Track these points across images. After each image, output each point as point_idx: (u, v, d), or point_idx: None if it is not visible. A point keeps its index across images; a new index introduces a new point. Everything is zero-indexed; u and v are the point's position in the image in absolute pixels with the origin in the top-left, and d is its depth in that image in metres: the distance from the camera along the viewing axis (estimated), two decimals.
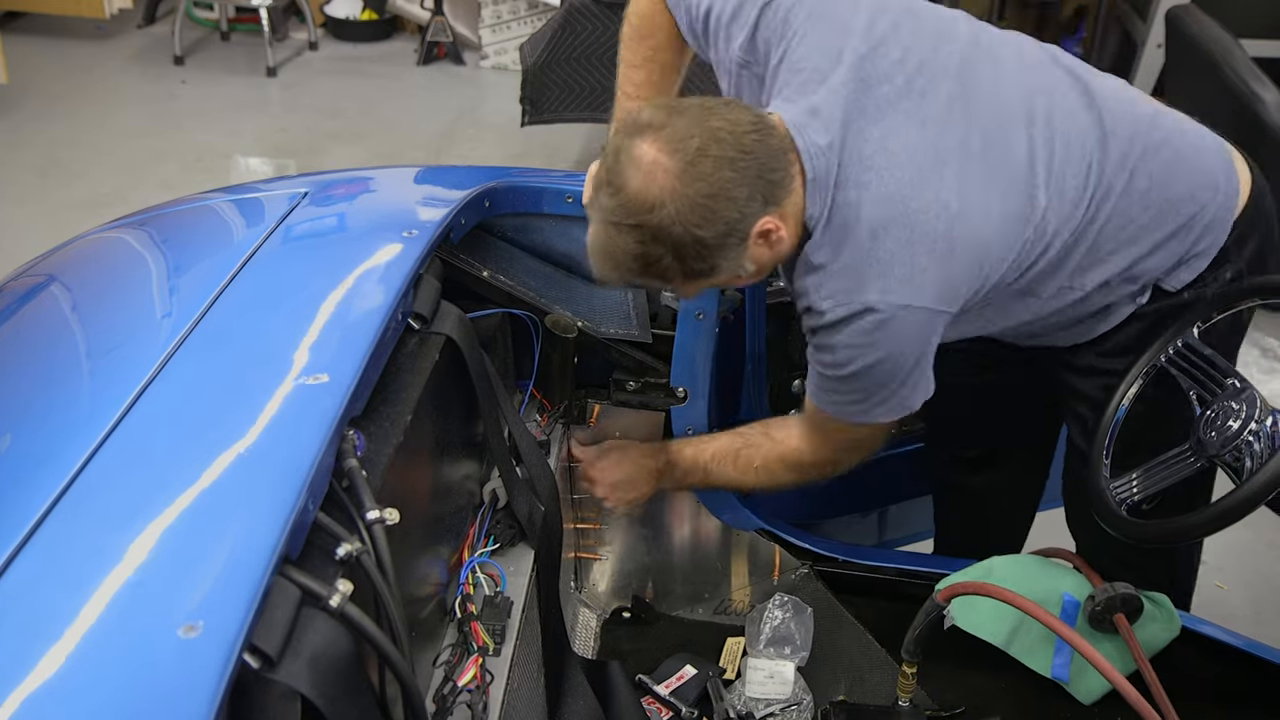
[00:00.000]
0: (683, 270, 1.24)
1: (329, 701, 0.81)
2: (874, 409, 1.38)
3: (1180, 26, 2.96)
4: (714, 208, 1.19)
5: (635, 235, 1.21)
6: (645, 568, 1.86)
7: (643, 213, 1.19)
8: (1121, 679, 1.21)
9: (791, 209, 1.27)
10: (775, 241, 1.27)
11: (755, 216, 1.23)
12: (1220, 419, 1.27)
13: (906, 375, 1.34)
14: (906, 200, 1.25)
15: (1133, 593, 1.46)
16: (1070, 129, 1.34)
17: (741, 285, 1.46)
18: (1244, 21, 3.42)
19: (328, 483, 0.96)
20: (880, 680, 1.58)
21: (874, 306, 1.27)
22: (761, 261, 1.29)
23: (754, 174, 1.21)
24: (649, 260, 1.23)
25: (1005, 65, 1.37)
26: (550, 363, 1.64)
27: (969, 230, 1.27)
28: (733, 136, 1.19)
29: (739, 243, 1.24)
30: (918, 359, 1.34)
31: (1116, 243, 1.38)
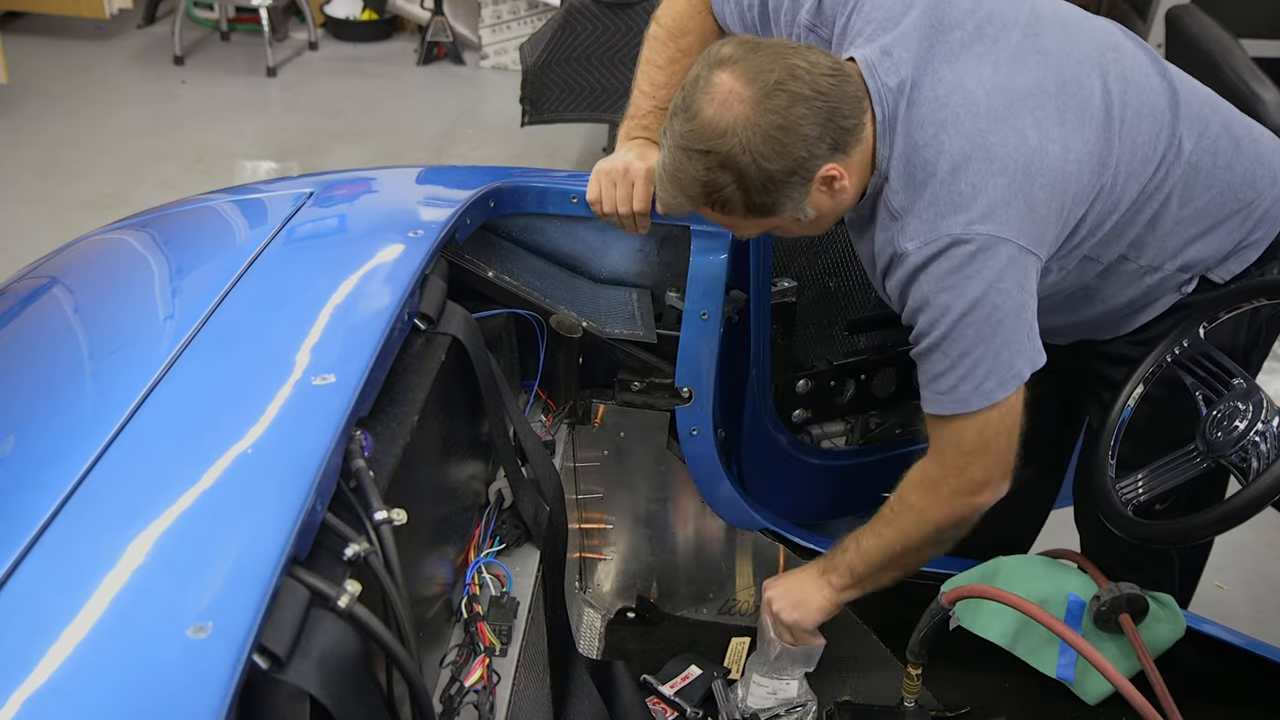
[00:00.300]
0: (745, 202, 1.25)
1: (337, 702, 0.81)
2: (984, 380, 1.29)
3: (1180, 26, 2.96)
4: (784, 141, 1.21)
5: (704, 161, 1.23)
6: (650, 568, 1.86)
7: (713, 138, 1.21)
8: (1124, 680, 1.21)
9: (859, 160, 1.28)
10: (838, 190, 1.27)
11: (823, 159, 1.24)
12: (1226, 419, 1.27)
13: (1009, 328, 1.27)
14: (984, 134, 1.25)
15: (1138, 593, 1.46)
16: (1144, 87, 1.35)
17: (798, 233, 1.40)
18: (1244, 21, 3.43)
19: (335, 483, 0.96)
20: (885, 680, 1.57)
21: (961, 237, 1.24)
22: (822, 209, 1.29)
23: (826, 115, 1.22)
24: (713, 188, 1.25)
25: (1075, 21, 1.39)
26: (555, 363, 1.64)
27: (1049, 164, 1.26)
28: (810, 76, 1.21)
29: (803, 183, 1.24)
30: (1017, 308, 1.27)
31: (1177, 219, 1.38)
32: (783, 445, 1.86)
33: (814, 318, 1.86)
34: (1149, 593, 1.49)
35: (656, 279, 1.76)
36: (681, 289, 1.68)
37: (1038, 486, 1.88)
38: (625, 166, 1.53)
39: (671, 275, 1.75)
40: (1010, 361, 1.30)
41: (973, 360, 1.29)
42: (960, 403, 1.31)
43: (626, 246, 1.74)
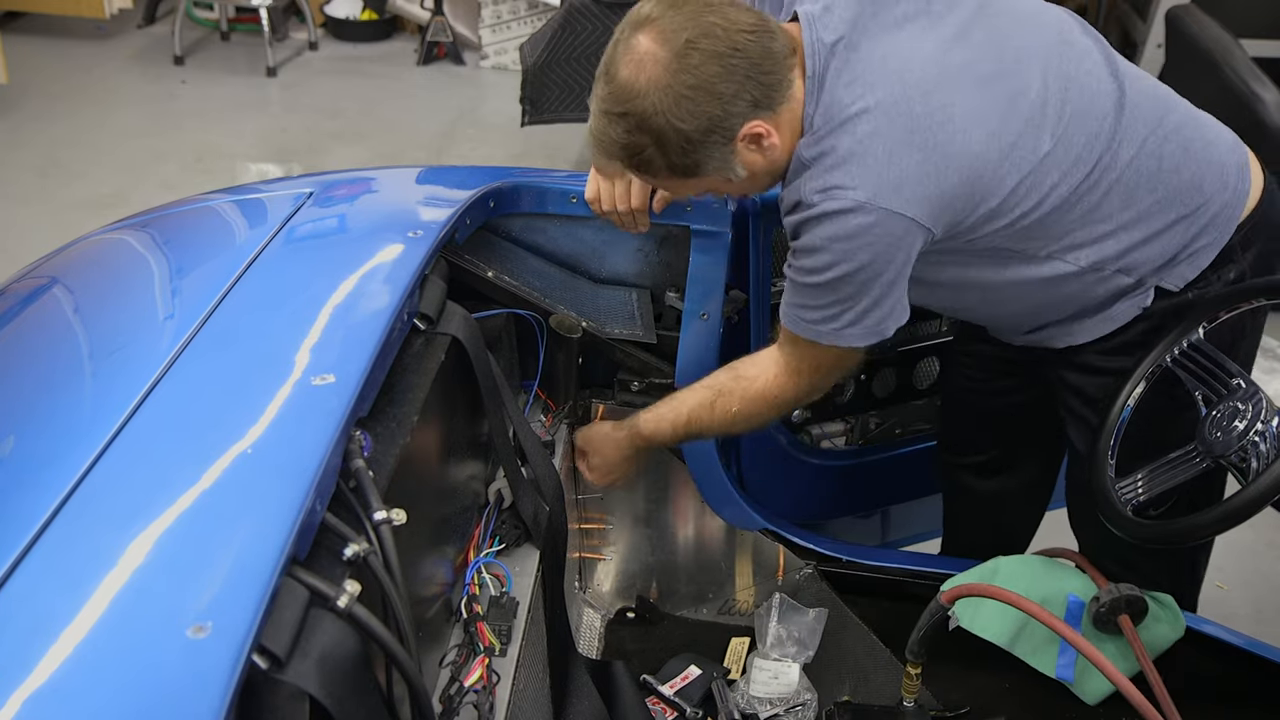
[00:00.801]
0: (667, 164, 1.26)
1: (337, 702, 0.81)
2: (847, 327, 1.34)
3: (1180, 26, 2.96)
4: (698, 100, 1.21)
5: (622, 124, 1.24)
6: (649, 568, 1.86)
7: (629, 100, 1.22)
8: (1124, 680, 1.21)
9: (788, 116, 1.27)
10: (768, 148, 1.27)
11: (743, 116, 1.24)
12: (1226, 419, 1.27)
13: (883, 291, 1.31)
14: (911, 103, 1.25)
15: (1137, 594, 1.46)
16: (1089, 87, 1.34)
17: (735, 193, 1.41)
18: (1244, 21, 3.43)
19: (335, 483, 0.96)
20: (885, 680, 1.58)
21: (864, 205, 1.24)
22: (754, 167, 1.29)
23: (744, 73, 1.22)
24: (634, 149, 1.26)
25: (1029, 11, 1.38)
26: (555, 363, 1.64)
27: (968, 145, 1.26)
28: (726, 33, 1.21)
29: (724, 141, 1.25)
30: (895, 275, 1.30)
31: (1116, 221, 1.36)
32: (782, 445, 1.86)
33: None
34: (1148, 593, 1.49)
35: (656, 279, 1.77)
36: (681, 289, 1.68)
37: (1032, 488, 1.88)
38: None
39: (671, 275, 1.75)
40: (878, 321, 1.34)
41: (841, 308, 1.33)
42: (820, 335, 1.37)
43: (626, 247, 1.74)
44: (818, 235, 1.28)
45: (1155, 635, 1.50)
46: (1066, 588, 1.51)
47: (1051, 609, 1.47)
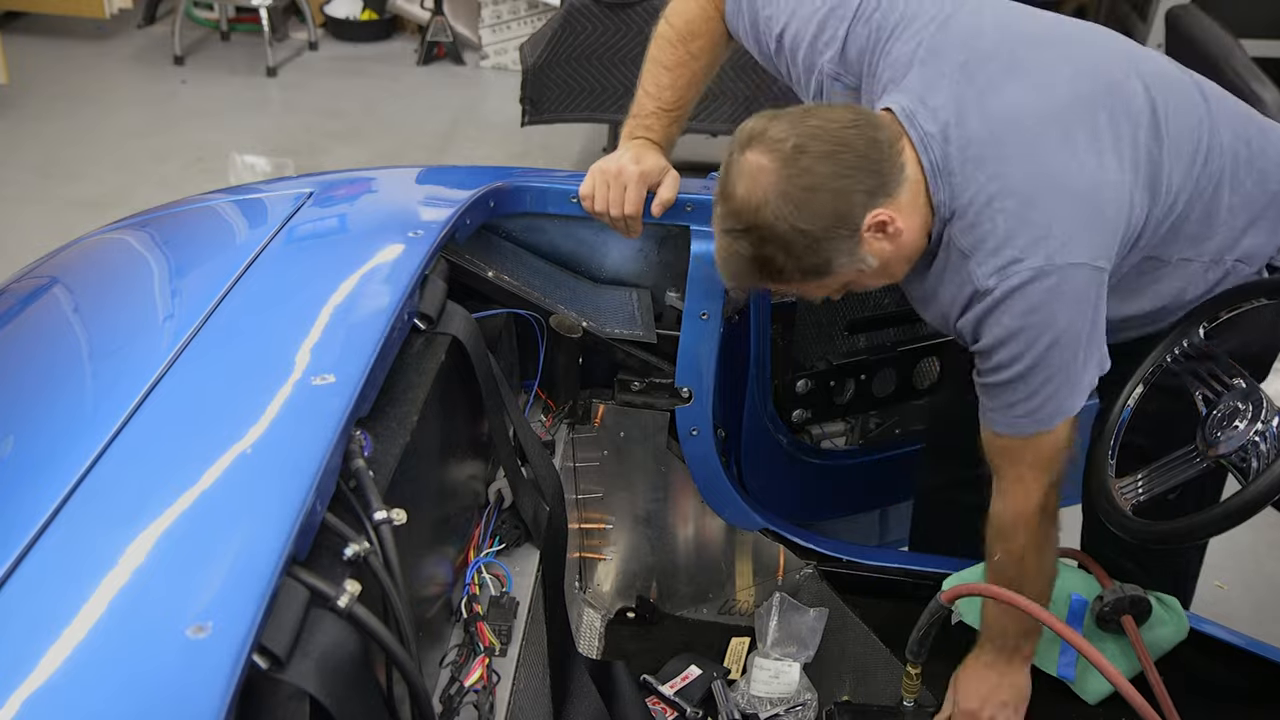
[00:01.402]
0: (799, 267, 1.26)
1: (337, 702, 0.81)
2: (1064, 399, 1.31)
3: (1180, 26, 2.97)
4: (815, 200, 1.21)
5: (747, 239, 1.25)
6: (649, 568, 1.86)
7: (749, 215, 1.23)
8: (1124, 680, 1.21)
9: (909, 200, 1.27)
10: (893, 234, 1.27)
11: (864, 207, 1.24)
12: (1226, 420, 1.27)
13: (1085, 345, 1.29)
14: (1047, 163, 1.26)
15: (1141, 594, 1.46)
16: (1175, 83, 1.37)
17: (875, 284, 1.38)
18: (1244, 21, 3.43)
19: (335, 483, 0.96)
20: (885, 680, 1.58)
21: (1043, 269, 1.23)
22: (884, 255, 1.29)
23: (854, 165, 1.23)
24: (764, 261, 1.26)
25: (1093, 31, 1.42)
26: (555, 363, 1.64)
27: (1105, 175, 1.27)
28: (828, 132, 1.22)
29: (850, 235, 1.24)
30: (1092, 324, 1.29)
31: (1229, 207, 1.37)
32: (783, 445, 1.86)
33: (814, 318, 1.86)
34: (1153, 593, 1.49)
35: (656, 279, 1.76)
36: (681, 289, 1.68)
37: None
38: (619, 168, 1.53)
39: (671, 275, 1.75)
40: (1085, 377, 1.31)
41: (1055, 385, 1.29)
42: (1038, 423, 1.32)
43: (626, 246, 1.74)
44: (1005, 320, 1.27)
45: (1158, 636, 1.50)
46: (1070, 586, 1.51)
47: (1054, 608, 1.47)
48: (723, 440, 1.77)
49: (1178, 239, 1.38)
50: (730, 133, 3.71)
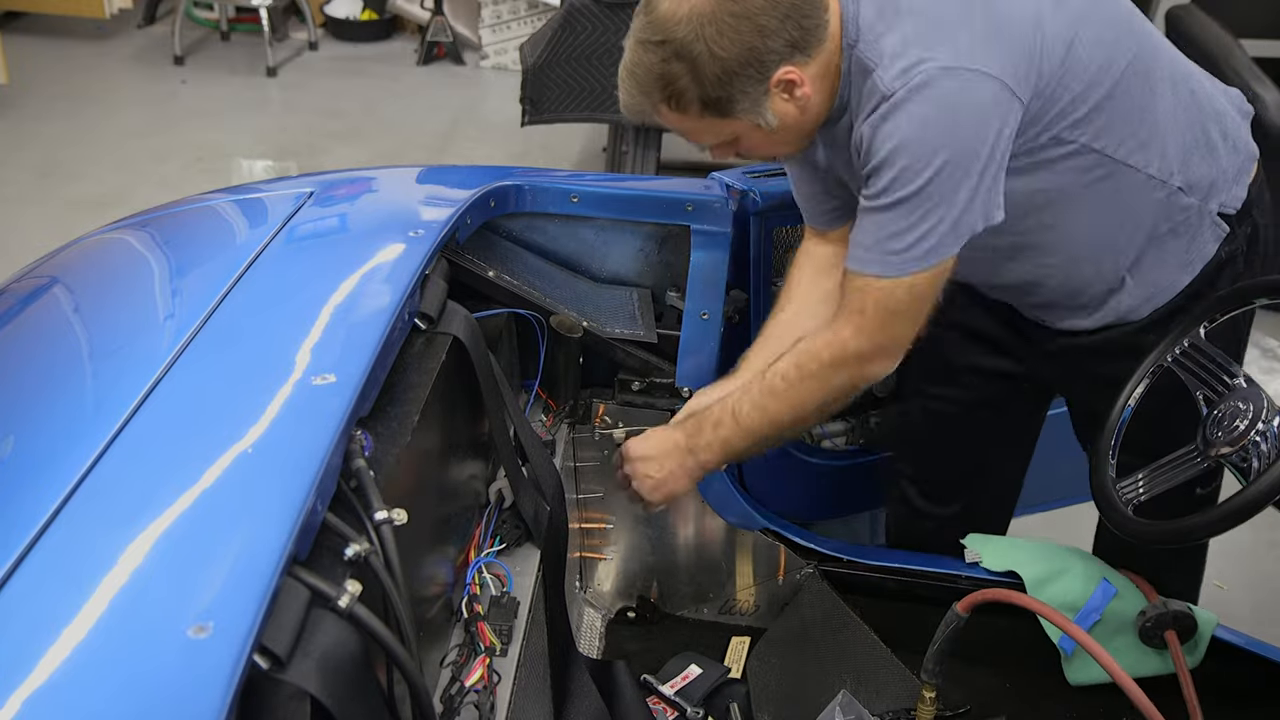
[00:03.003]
0: (700, 96, 1.24)
1: (338, 702, 0.81)
2: (943, 237, 1.24)
3: (1180, 26, 2.96)
4: (739, 28, 1.20)
5: (659, 52, 1.23)
6: (650, 568, 1.86)
7: (669, 27, 1.21)
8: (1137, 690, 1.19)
9: (820, 68, 1.26)
10: (800, 98, 1.26)
11: (780, 56, 1.23)
12: (1227, 419, 1.27)
13: (980, 176, 1.22)
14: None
15: (1186, 611, 1.47)
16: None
17: (761, 150, 1.36)
18: (1244, 21, 3.42)
19: (335, 483, 0.96)
20: (885, 680, 1.57)
21: (950, 69, 1.19)
22: (785, 118, 1.27)
23: (785, 10, 1.21)
24: (669, 79, 1.24)
25: None
26: (556, 363, 1.64)
27: (1019, 8, 1.25)
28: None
29: (759, 78, 1.23)
30: (990, 153, 1.22)
31: (1165, 113, 1.35)
32: (783, 445, 1.86)
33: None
34: (1189, 605, 1.50)
35: (657, 279, 1.76)
36: (682, 289, 1.68)
37: (1004, 466, 1.83)
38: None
39: (671, 275, 1.75)
40: (969, 218, 1.25)
41: (936, 218, 1.24)
42: (913, 261, 1.26)
43: (627, 246, 1.74)
44: (905, 124, 1.21)
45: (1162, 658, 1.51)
46: (1101, 573, 1.53)
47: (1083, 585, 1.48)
48: None
49: (1112, 119, 1.32)
50: None
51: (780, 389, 1.38)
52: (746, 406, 1.40)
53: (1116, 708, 1.53)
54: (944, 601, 1.62)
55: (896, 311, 1.31)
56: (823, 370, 1.36)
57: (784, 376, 1.38)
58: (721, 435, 1.43)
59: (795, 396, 1.38)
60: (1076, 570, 1.54)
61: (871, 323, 1.31)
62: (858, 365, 1.34)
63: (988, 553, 1.60)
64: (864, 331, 1.32)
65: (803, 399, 1.38)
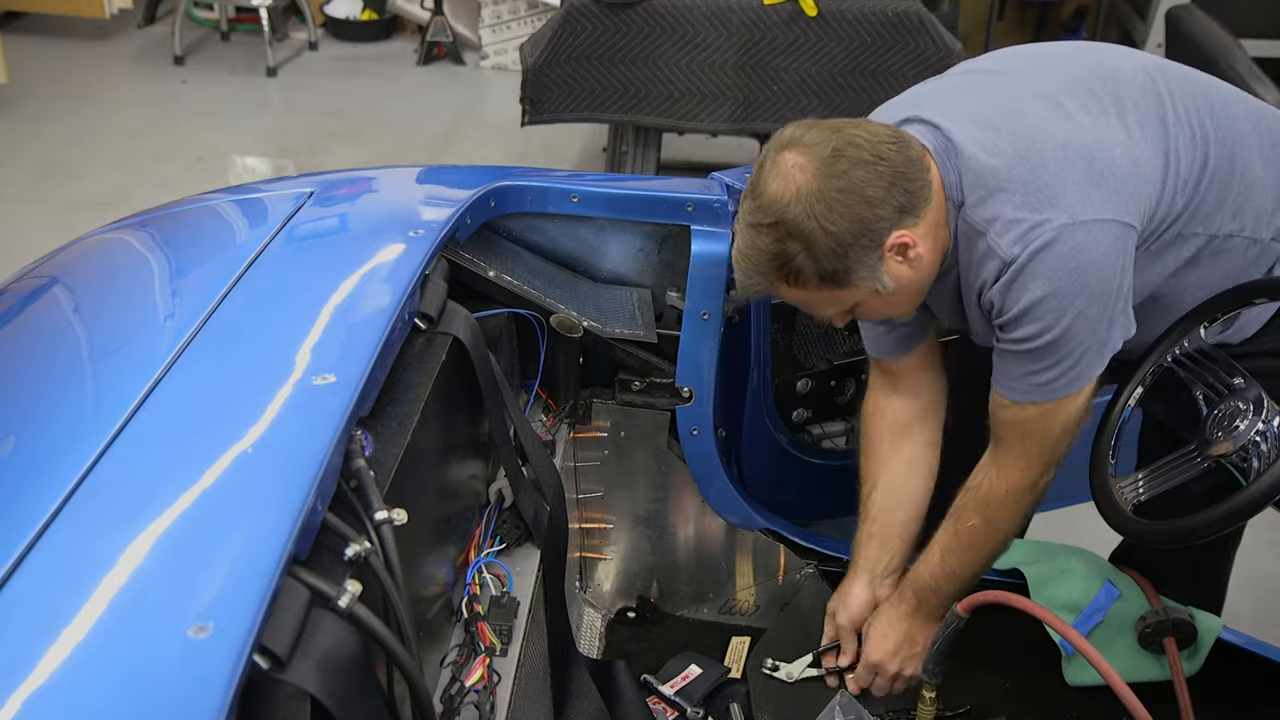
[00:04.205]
0: (817, 271, 1.26)
1: (338, 702, 0.81)
2: (1087, 366, 1.29)
3: (1180, 26, 2.96)
4: (848, 203, 1.23)
5: (772, 234, 1.25)
6: (650, 568, 1.86)
7: (779, 209, 1.24)
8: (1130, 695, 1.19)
9: (930, 225, 1.28)
10: (913, 259, 1.28)
11: (891, 223, 1.25)
12: (1227, 419, 1.27)
13: (1113, 307, 1.27)
14: (1048, 130, 1.28)
15: (1186, 618, 1.47)
16: (1173, 67, 1.41)
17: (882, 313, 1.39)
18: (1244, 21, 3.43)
19: (336, 483, 0.96)
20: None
21: (1068, 225, 1.23)
22: (901, 280, 1.29)
23: (890, 179, 1.24)
24: (784, 259, 1.26)
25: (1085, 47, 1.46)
26: (556, 363, 1.64)
27: (1115, 140, 1.28)
28: (869, 143, 1.25)
29: (873, 247, 1.25)
30: (1119, 285, 1.27)
31: (1256, 177, 1.36)
32: (783, 445, 1.86)
33: (811, 320, 1.86)
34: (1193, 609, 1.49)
35: (657, 279, 1.76)
36: (682, 289, 1.68)
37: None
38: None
39: (672, 275, 1.75)
40: (1111, 342, 1.30)
41: (1080, 353, 1.28)
42: (1059, 390, 1.31)
43: (627, 246, 1.74)
44: (1036, 285, 1.25)
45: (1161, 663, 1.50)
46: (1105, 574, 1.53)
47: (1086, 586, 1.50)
48: (723, 440, 1.77)
49: (1208, 207, 1.35)
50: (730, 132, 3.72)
51: (978, 543, 1.44)
52: (954, 563, 1.46)
53: (1116, 708, 1.53)
54: None
55: (1055, 435, 1.36)
56: (1009, 508, 1.41)
57: (975, 531, 1.43)
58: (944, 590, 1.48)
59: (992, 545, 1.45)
60: (1079, 571, 1.53)
61: (1035, 453, 1.37)
62: (1033, 492, 1.40)
63: None
64: (1032, 462, 1.37)
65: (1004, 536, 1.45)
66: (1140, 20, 4.49)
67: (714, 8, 3.15)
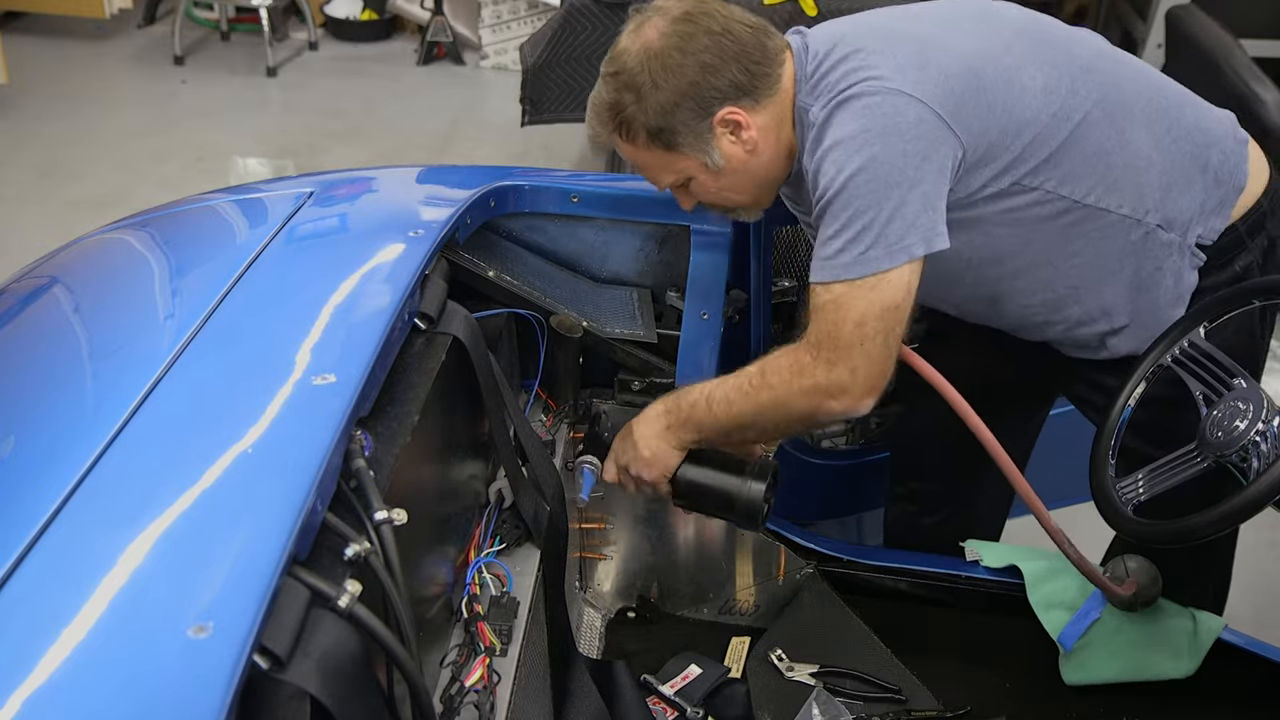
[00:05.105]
0: (645, 125, 1.32)
1: (338, 702, 0.81)
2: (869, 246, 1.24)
3: (1180, 26, 2.96)
4: (679, 61, 1.29)
5: (612, 83, 1.34)
6: (650, 568, 1.86)
7: (619, 59, 1.33)
8: None
9: (771, 118, 1.33)
10: (746, 140, 1.32)
11: (723, 95, 1.30)
12: (1227, 419, 1.27)
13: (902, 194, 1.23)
14: (894, 25, 1.35)
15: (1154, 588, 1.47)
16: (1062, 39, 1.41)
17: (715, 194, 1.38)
18: (1244, 21, 3.43)
19: (335, 483, 0.96)
20: (885, 680, 1.57)
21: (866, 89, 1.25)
22: (733, 161, 1.33)
23: (731, 54, 1.30)
24: (618, 108, 1.33)
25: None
26: (556, 363, 1.64)
27: (953, 47, 1.31)
28: (723, 18, 1.31)
29: (701, 114, 1.30)
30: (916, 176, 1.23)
31: (1140, 155, 1.35)
32: (782, 445, 1.86)
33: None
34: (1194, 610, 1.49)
35: (657, 279, 1.77)
36: (681, 289, 1.68)
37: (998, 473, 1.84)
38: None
39: (671, 275, 1.75)
40: (900, 232, 1.24)
41: (861, 224, 1.24)
42: (843, 268, 1.26)
43: (627, 246, 1.75)
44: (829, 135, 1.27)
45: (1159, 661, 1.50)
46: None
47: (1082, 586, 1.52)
48: None
49: (1071, 166, 1.33)
50: None
51: (746, 390, 1.37)
52: (719, 396, 1.39)
53: (1116, 708, 1.53)
54: (944, 602, 1.62)
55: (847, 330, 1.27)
56: (783, 385, 1.33)
57: (750, 380, 1.36)
58: (697, 416, 1.41)
59: (756, 401, 1.35)
60: (1075, 570, 1.53)
61: (826, 341, 1.29)
62: (817, 396, 1.31)
63: (988, 552, 1.61)
64: (820, 348, 1.30)
65: (761, 407, 1.35)
66: (1140, 20, 4.49)
67: None
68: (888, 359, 1.30)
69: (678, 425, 1.43)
